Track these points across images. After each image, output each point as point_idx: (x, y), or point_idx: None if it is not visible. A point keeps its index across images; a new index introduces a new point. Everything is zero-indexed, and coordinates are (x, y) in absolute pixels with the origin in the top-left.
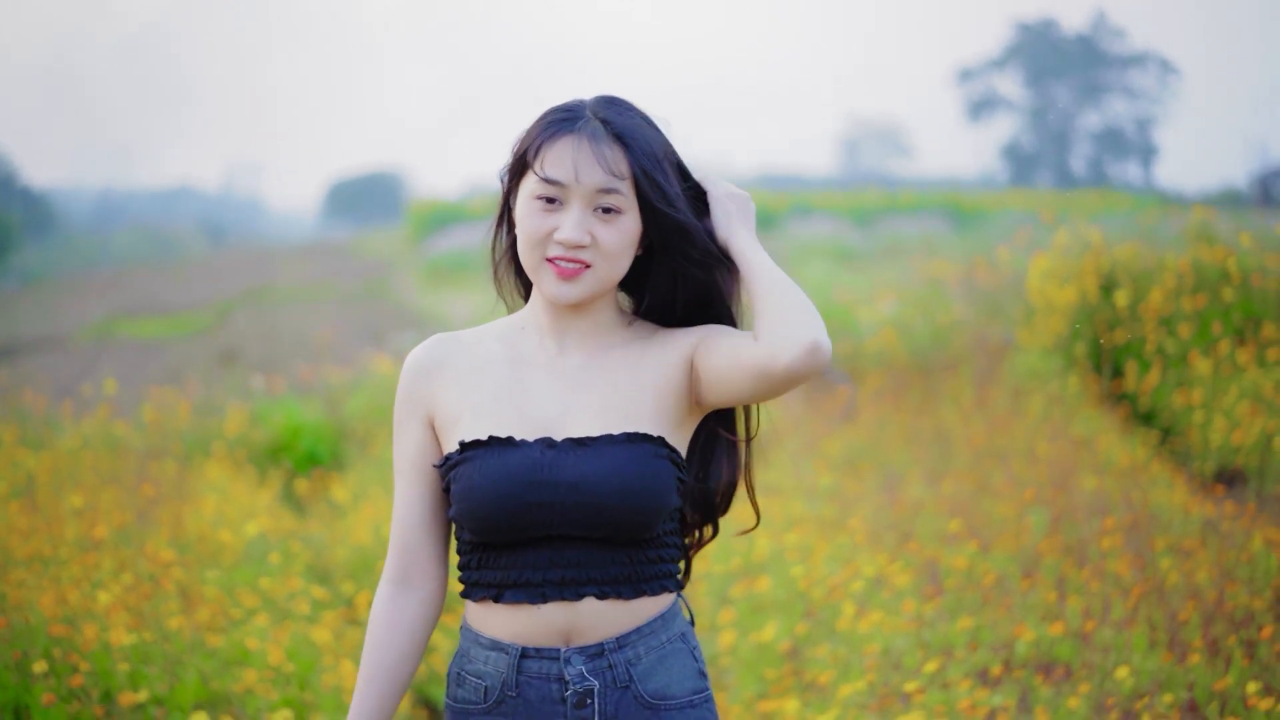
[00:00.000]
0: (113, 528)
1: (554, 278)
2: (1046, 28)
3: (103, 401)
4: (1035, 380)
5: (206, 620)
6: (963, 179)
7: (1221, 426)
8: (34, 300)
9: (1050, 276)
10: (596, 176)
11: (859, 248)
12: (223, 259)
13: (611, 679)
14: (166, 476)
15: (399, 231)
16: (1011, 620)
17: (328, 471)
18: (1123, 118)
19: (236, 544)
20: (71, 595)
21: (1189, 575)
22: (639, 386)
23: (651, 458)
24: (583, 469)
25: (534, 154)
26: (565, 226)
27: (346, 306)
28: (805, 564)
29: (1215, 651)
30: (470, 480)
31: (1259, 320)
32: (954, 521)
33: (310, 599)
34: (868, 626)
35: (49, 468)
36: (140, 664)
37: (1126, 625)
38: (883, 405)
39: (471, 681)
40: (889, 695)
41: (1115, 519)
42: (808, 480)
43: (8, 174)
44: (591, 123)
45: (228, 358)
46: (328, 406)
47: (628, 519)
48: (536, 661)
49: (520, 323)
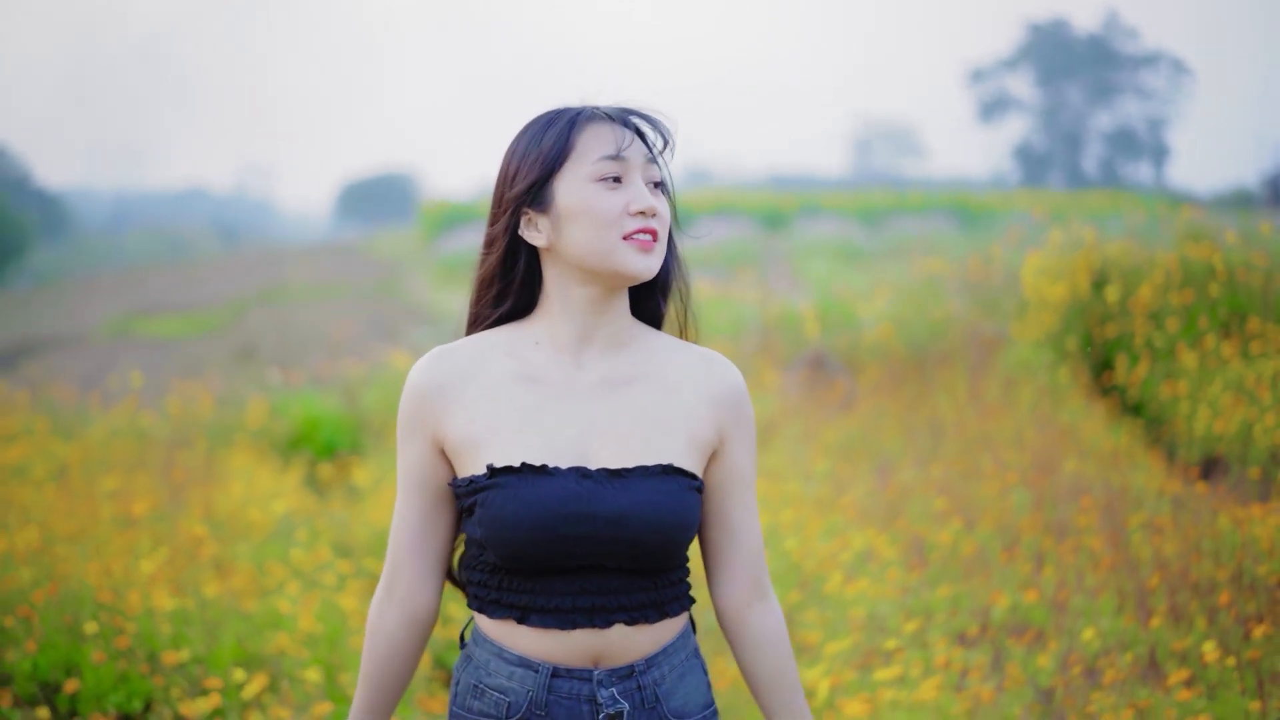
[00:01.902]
0: (147, 508)
1: (638, 251)
2: (1058, 28)
3: (129, 393)
4: (1026, 372)
5: (241, 588)
6: (975, 180)
7: (1205, 416)
8: (49, 300)
9: (1044, 273)
10: (644, 148)
11: (865, 247)
12: (235, 259)
13: (640, 700)
14: (194, 463)
15: (410, 232)
16: (990, 589)
17: (348, 455)
18: (1134, 118)
19: (265, 522)
20: (114, 566)
21: (1158, 549)
22: (668, 416)
23: (685, 490)
24: (620, 502)
25: (570, 146)
26: (639, 196)
27: (359, 304)
28: (799, 537)
29: (1179, 617)
30: (502, 509)
31: (1244, 314)
32: (940, 500)
33: (336, 571)
34: (854, 593)
35: (80, 456)
36: (181, 627)
37: (1097, 593)
38: (880, 396)
39: (493, 696)
40: (872, 653)
41: (1092, 498)
42: (805, 465)
43: (22, 175)
44: (601, 110)
45: (245, 354)
46: (345, 399)
47: (659, 551)
48: (568, 682)
49: (532, 336)
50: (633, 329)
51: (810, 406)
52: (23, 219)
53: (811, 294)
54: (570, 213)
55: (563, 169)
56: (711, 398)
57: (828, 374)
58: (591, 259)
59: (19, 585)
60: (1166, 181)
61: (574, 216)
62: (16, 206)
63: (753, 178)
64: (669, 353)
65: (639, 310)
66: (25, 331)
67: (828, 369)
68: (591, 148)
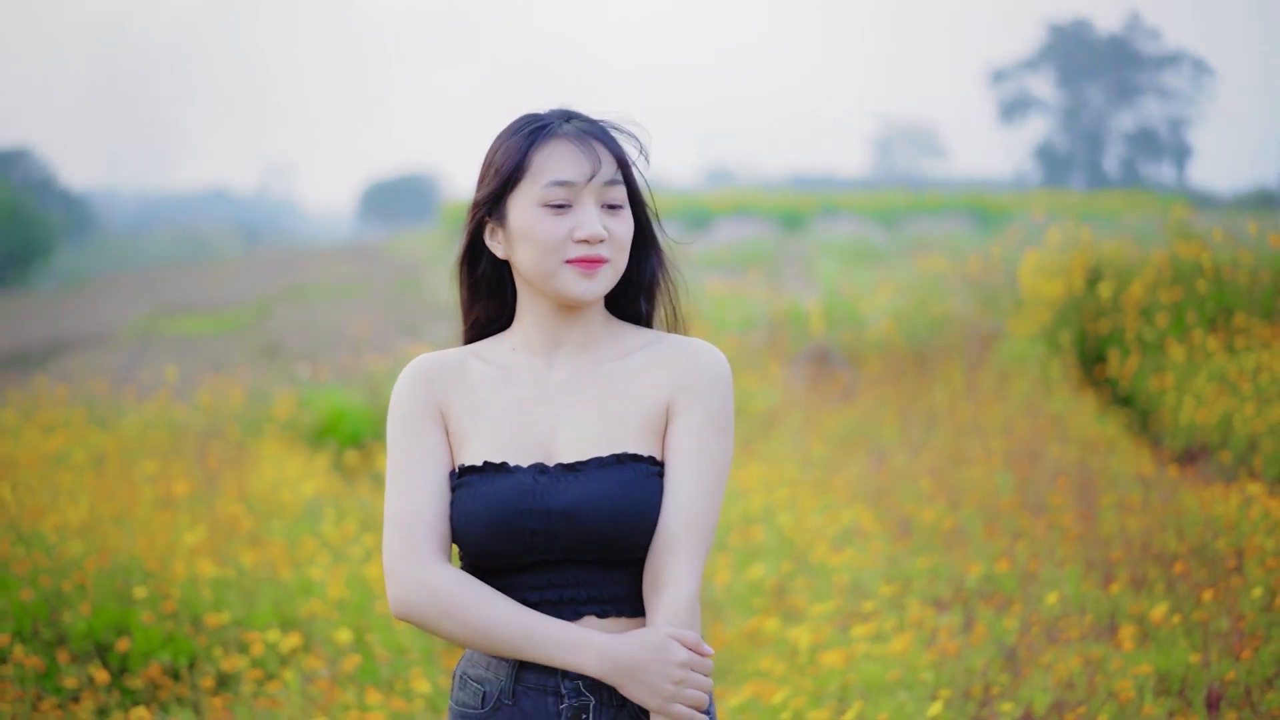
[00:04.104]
0: (186, 489)
1: (578, 276)
2: (1079, 28)
3: (161, 387)
4: (1020, 365)
5: (275, 559)
6: (996, 180)
7: (1190, 406)
8: (76, 300)
9: (1040, 270)
10: (604, 171)
11: (882, 247)
12: (258, 260)
13: (607, 696)
14: (226, 451)
15: (433, 233)
16: (968, 561)
17: (374, 442)
18: (1156, 118)
19: (295, 503)
20: (158, 541)
21: (1125, 525)
22: (625, 404)
23: (643, 477)
24: (573, 494)
25: (525, 165)
26: (585, 224)
27: (381, 303)
28: (793, 514)
29: (1139, 585)
30: (465, 505)
31: (1230, 310)
32: (926, 481)
33: (362, 545)
34: (840, 562)
35: (117, 445)
36: (221, 593)
37: (1065, 564)
38: (880, 387)
39: (472, 686)
40: (853, 615)
41: (1068, 478)
42: (804, 451)
43: (46, 177)
44: (567, 125)
45: (269, 351)
46: (369, 393)
47: (621, 541)
48: (535, 673)
49: (510, 343)
50: (608, 327)
51: (813, 397)
52: (48, 220)
53: (820, 292)
54: (518, 233)
55: (516, 188)
56: (666, 376)
57: (831, 367)
58: (536, 280)
59: (71, 557)
60: (1188, 182)
61: (521, 237)
62: (41, 208)
63: (774, 178)
64: (642, 346)
65: (622, 310)
66: (54, 330)
67: (831, 362)
68: (544, 169)
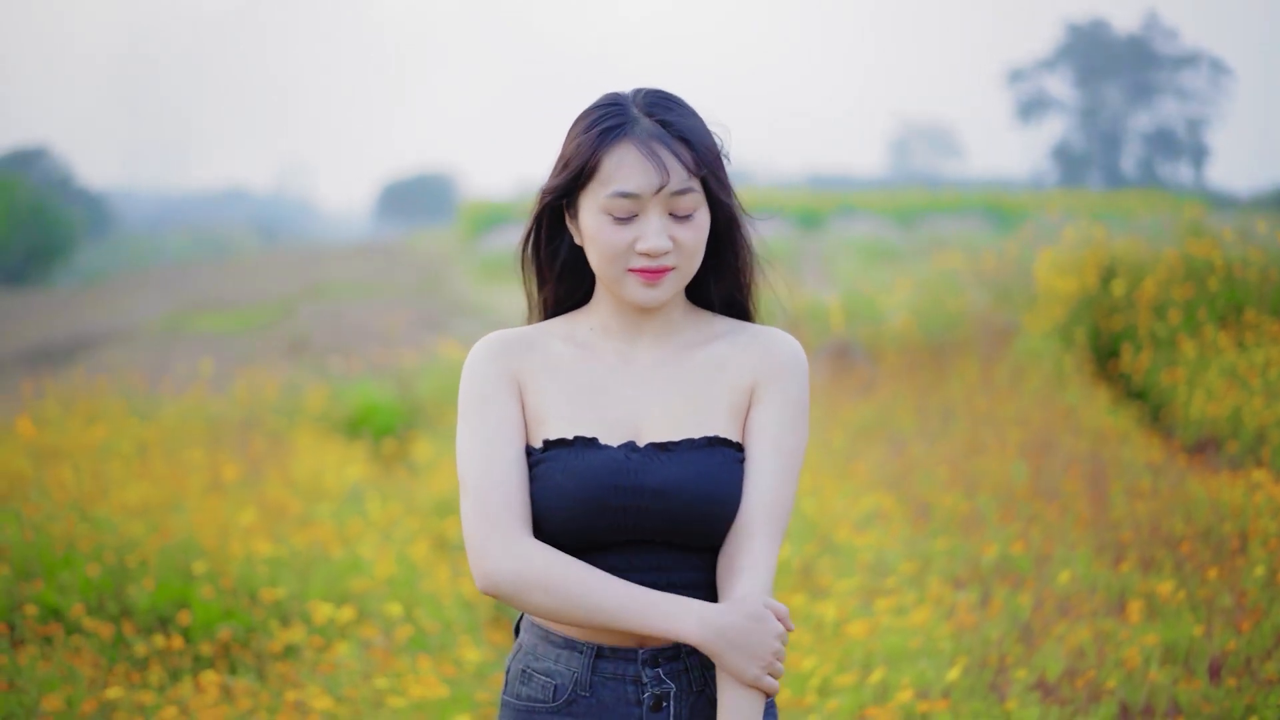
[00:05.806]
0: (234, 475)
1: (640, 284)
2: (1097, 28)
3: (196, 380)
4: (1035, 360)
5: (325, 539)
6: (1014, 180)
7: (1200, 400)
8: (98, 298)
9: (1055, 268)
10: (672, 182)
11: (898, 246)
12: (278, 258)
13: (687, 683)
14: (265, 440)
15: (451, 231)
16: (984, 544)
17: (410, 431)
18: (1174, 118)
19: (339, 488)
20: (212, 521)
21: (1134, 510)
22: (714, 390)
23: (731, 462)
24: (666, 474)
25: (594, 166)
26: (648, 236)
27: (405, 300)
28: (817, 499)
29: (1148, 565)
30: (553, 479)
31: (1240, 307)
32: (943, 469)
33: (406, 527)
34: (863, 542)
35: (158, 436)
36: (276, 569)
37: (1077, 546)
38: (898, 381)
39: (540, 680)
40: (875, 591)
41: (1080, 467)
42: (825, 440)
43: (65, 176)
44: (645, 123)
45: (296, 347)
46: (400, 387)
47: (706, 523)
48: (612, 662)
49: (587, 324)
50: (688, 315)
51: (833, 391)
52: (69, 218)
53: (839, 288)
54: (586, 233)
55: (586, 188)
56: (751, 363)
57: (850, 361)
58: (603, 280)
59: (133, 536)
60: (1206, 182)
61: (589, 238)
62: (61, 206)
63: (791, 178)
64: (724, 334)
65: (705, 300)
66: (78, 327)
67: (851, 357)
68: (612, 176)
